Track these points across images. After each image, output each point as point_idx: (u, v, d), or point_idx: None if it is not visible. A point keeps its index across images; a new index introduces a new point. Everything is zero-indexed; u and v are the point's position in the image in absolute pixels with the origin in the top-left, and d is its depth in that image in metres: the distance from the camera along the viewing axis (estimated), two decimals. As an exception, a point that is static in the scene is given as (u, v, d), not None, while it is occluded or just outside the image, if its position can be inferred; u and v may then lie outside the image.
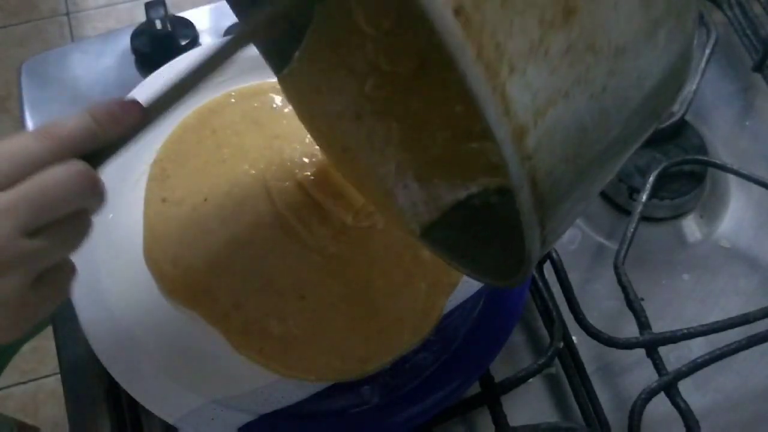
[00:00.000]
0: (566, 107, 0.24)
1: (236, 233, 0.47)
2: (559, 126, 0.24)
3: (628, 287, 0.46)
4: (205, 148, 0.50)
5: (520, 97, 0.23)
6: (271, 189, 0.48)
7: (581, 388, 0.45)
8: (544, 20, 0.23)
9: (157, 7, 0.57)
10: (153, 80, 0.52)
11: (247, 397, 0.42)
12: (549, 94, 0.23)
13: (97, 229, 0.46)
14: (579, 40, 0.23)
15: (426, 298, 0.45)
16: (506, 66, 0.22)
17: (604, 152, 0.27)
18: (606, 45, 0.24)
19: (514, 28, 0.22)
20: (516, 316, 0.45)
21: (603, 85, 0.25)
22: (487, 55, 0.22)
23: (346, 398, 0.43)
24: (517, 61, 0.22)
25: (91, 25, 1.58)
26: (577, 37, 0.23)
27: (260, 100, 0.52)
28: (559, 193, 0.26)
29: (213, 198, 0.48)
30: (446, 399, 0.42)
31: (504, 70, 0.22)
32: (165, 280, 0.45)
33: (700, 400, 0.44)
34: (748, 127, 0.57)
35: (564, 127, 0.24)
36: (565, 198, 0.26)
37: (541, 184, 0.24)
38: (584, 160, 0.26)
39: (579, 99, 0.24)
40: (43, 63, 0.58)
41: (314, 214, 0.47)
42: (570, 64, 0.23)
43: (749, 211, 0.53)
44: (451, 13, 0.21)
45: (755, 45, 0.58)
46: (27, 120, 0.56)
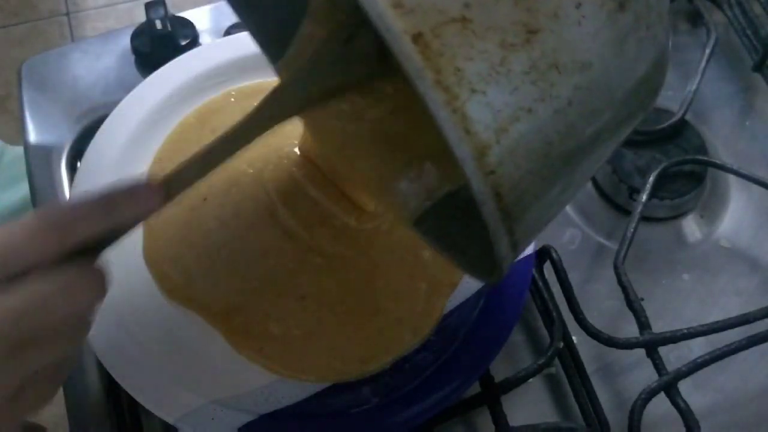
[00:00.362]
0: (530, 123, 0.24)
1: (236, 234, 0.47)
2: (523, 141, 0.24)
3: (628, 287, 0.46)
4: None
5: (480, 117, 0.23)
6: (269, 189, 0.48)
7: (581, 388, 0.45)
8: (505, 42, 0.23)
9: (157, 7, 0.57)
10: (153, 80, 0.52)
11: (247, 397, 0.42)
12: (511, 112, 0.24)
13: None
14: (542, 59, 0.24)
15: (426, 298, 0.45)
16: (466, 88, 0.23)
17: (573, 162, 0.27)
18: (570, 61, 0.25)
19: (474, 51, 0.23)
20: (516, 316, 0.45)
21: (568, 100, 0.25)
22: (446, 80, 0.22)
23: (346, 398, 0.43)
24: (477, 83, 0.23)
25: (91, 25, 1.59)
26: (540, 56, 0.24)
27: (260, 99, 0.52)
28: (526, 203, 0.26)
29: (212, 198, 0.48)
30: (446, 399, 0.42)
31: (464, 93, 0.23)
32: (164, 281, 0.45)
33: (700, 400, 0.44)
34: (748, 127, 0.57)
35: (528, 141, 0.25)
36: (533, 207, 0.27)
37: (506, 196, 0.25)
38: (551, 171, 0.26)
39: (543, 114, 0.25)
40: (43, 63, 0.58)
41: (314, 214, 0.47)
42: (533, 82, 0.24)
43: (749, 211, 0.53)
44: (409, 40, 0.22)
45: (755, 45, 0.58)
46: (27, 120, 0.56)
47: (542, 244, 0.48)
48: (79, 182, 0.48)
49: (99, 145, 0.49)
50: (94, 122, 0.54)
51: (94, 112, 0.55)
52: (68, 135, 0.54)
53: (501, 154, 0.24)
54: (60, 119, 0.55)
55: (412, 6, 0.22)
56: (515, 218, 0.26)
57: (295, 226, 0.47)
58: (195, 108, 0.51)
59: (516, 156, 0.24)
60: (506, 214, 0.25)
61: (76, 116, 0.55)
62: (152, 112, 0.51)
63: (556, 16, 0.24)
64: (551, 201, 0.28)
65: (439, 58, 0.22)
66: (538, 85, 0.24)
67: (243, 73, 0.52)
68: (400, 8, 0.22)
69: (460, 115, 0.23)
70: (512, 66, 0.23)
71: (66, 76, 0.58)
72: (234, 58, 0.53)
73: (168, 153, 0.50)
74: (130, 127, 0.50)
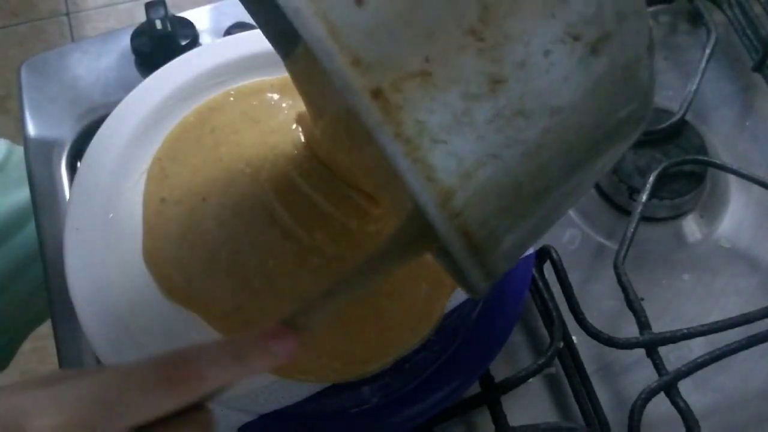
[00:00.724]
0: (496, 167, 0.24)
1: (235, 234, 0.47)
2: (491, 183, 0.24)
3: (628, 287, 0.46)
4: (204, 147, 0.50)
5: (443, 165, 0.23)
6: (267, 189, 0.48)
7: (581, 388, 0.45)
8: (468, 94, 0.23)
9: (157, 7, 0.57)
10: (153, 80, 0.52)
11: (247, 397, 0.42)
12: (476, 158, 0.24)
13: (97, 229, 0.47)
14: (507, 107, 0.24)
15: (426, 298, 0.45)
16: (427, 139, 0.23)
17: (547, 197, 0.27)
18: (539, 108, 0.24)
19: (435, 103, 0.23)
20: (516, 316, 0.45)
21: (537, 144, 0.25)
22: (406, 132, 0.23)
23: (346, 398, 0.43)
24: (439, 134, 0.23)
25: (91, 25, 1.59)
26: (505, 105, 0.24)
27: (259, 98, 0.52)
28: (496, 238, 0.26)
29: (211, 198, 0.48)
30: (446, 399, 0.42)
31: (425, 143, 0.23)
32: (164, 281, 0.45)
33: (700, 400, 0.44)
34: (748, 127, 0.57)
35: (496, 183, 0.25)
36: (504, 241, 0.27)
37: (475, 234, 0.25)
38: (524, 207, 0.26)
39: (510, 158, 0.24)
40: (43, 63, 0.58)
41: (313, 216, 0.47)
42: (497, 129, 0.24)
43: (749, 211, 0.53)
44: (368, 96, 0.22)
45: (755, 45, 0.58)
46: (27, 120, 0.56)
47: (542, 244, 0.48)
48: (79, 182, 0.48)
49: (99, 145, 0.49)
50: (94, 122, 0.54)
51: (94, 112, 0.55)
52: (68, 135, 0.55)
53: (466, 198, 0.24)
54: (60, 119, 0.55)
55: (370, 61, 0.22)
56: (486, 252, 0.26)
57: (293, 226, 0.47)
58: (194, 107, 0.51)
59: (484, 197, 0.24)
60: (476, 249, 0.25)
61: (76, 116, 0.55)
62: (152, 112, 0.51)
63: (522, 65, 0.24)
64: (527, 233, 0.28)
65: (398, 111, 0.22)
66: (504, 132, 0.24)
67: (243, 72, 0.52)
68: (358, 65, 0.22)
69: (421, 164, 0.23)
70: (475, 116, 0.23)
71: (66, 76, 0.58)
72: (234, 58, 0.53)
73: (167, 152, 0.50)
74: (131, 127, 0.50)
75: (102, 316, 0.44)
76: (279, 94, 0.52)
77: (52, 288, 0.49)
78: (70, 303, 0.44)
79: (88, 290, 0.44)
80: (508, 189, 0.25)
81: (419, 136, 0.23)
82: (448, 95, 0.23)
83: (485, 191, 0.24)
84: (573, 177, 0.27)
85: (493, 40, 0.23)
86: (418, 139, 0.23)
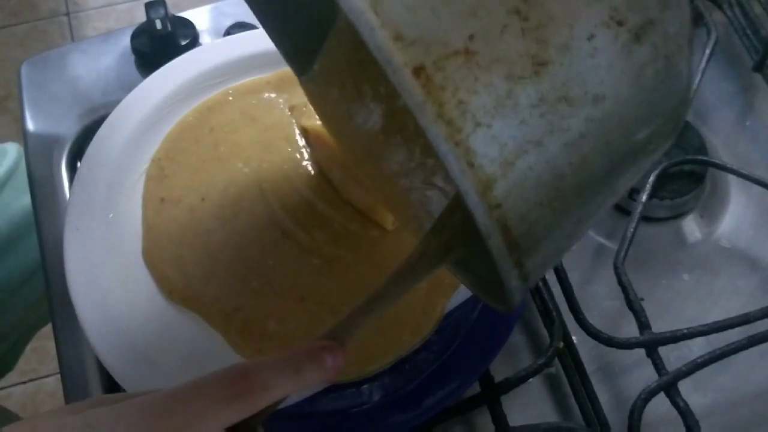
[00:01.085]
0: (538, 156, 0.23)
1: (234, 234, 0.47)
2: (532, 174, 0.24)
3: (628, 287, 0.46)
4: (202, 147, 0.50)
5: (485, 150, 0.23)
6: (265, 189, 0.48)
7: (581, 388, 0.45)
8: (511, 75, 0.23)
9: (157, 7, 0.57)
10: (153, 80, 0.52)
11: (247, 397, 0.42)
12: (518, 145, 0.23)
13: (97, 229, 0.47)
14: (551, 91, 0.23)
15: (427, 298, 0.45)
16: (470, 122, 0.22)
17: (587, 193, 0.26)
18: (582, 94, 0.24)
19: (479, 84, 0.22)
20: (516, 316, 0.45)
21: (580, 133, 0.24)
22: (449, 113, 0.22)
23: (346, 398, 0.43)
24: (482, 116, 0.22)
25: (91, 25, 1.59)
26: (549, 89, 0.23)
27: (257, 97, 0.52)
28: (536, 235, 0.25)
29: (210, 198, 0.48)
30: (446, 399, 0.42)
31: (467, 126, 0.22)
32: (164, 281, 0.45)
33: (700, 400, 0.44)
34: (748, 127, 0.57)
35: (537, 174, 0.24)
36: (544, 238, 0.26)
37: (514, 229, 0.24)
38: (564, 203, 0.25)
39: (552, 147, 0.24)
40: (43, 63, 0.58)
41: (313, 217, 0.47)
42: (541, 115, 0.23)
43: (749, 211, 0.53)
44: (410, 73, 0.21)
45: (755, 45, 0.58)
46: (27, 120, 0.56)
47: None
48: (79, 182, 0.48)
49: (99, 145, 0.49)
50: (94, 122, 0.54)
51: (94, 112, 0.55)
52: (68, 135, 0.55)
53: (508, 188, 0.23)
54: (60, 119, 0.55)
55: (413, 38, 0.21)
56: (525, 250, 0.25)
57: (292, 226, 0.47)
58: (193, 107, 0.51)
59: (524, 189, 0.24)
60: (514, 246, 0.24)
61: (76, 116, 0.55)
62: (152, 112, 0.51)
63: (566, 48, 0.23)
64: (565, 233, 0.27)
65: (441, 91, 0.22)
66: (547, 118, 0.23)
67: (243, 73, 0.53)
68: (400, 41, 0.21)
69: (464, 148, 0.22)
70: (519, 99, 0.23)
71: (66, 76, 0.58)
72: (234, 58, 0.53)
73: (167, 152, 0.50)
74: (131, 127, 0.50)
75: (102, 316, 0.44)
76: (275, 90, 0.52)
77: (52, 288, 0.49)
78: (70, 303, 0.44)
79: (88, 290, 0.44)
80: (549, 181, 0.24)
81: (461, 118, 0.22)
82: (491, 76, 0.22)
83: (526, 182, 0.23)
84: (612, 174, 0.27)
85: (537, 20, 0.23)
86: (460, 120, 0.22)
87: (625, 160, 0.27)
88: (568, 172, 0.24)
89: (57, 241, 0.46)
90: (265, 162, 0.49)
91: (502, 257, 0.24)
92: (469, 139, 0.22)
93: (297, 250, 0.46)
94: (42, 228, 0.51)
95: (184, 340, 0.44)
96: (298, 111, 0.51)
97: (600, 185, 0.26)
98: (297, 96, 0.52)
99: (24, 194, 0.61)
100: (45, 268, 0.49)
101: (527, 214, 0.24)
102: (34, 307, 0.64)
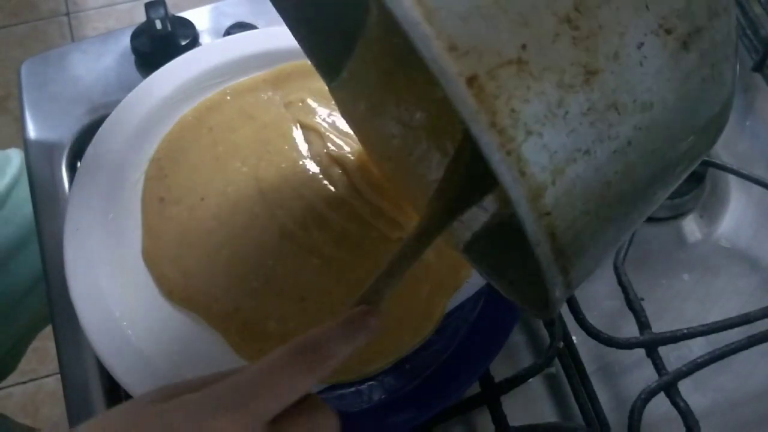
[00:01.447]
0: (587, 164, 0.24)
1: (234, 234, 0.47)
2: (580, 182, 0.24)
3: (628, 287, 0.46)
4: (202, 146, 0.50)
5: (536, 159, 0.23)
6: (263, 189, 0.48)
7: (581, 388, 0.45)
8: (562, 83, 0.23)
9: (157, 7, 0.57)
10: (153, 80, 0.52)
11: (247, 397, 0.42)
12: (568, 153, 0.23)
13: (97, 229, 0.47)
14: (601, 99, 0.23)
15: (427, 299, 0.45)
16: (522, 130, 0.22)
17: (630, 202, 0.27)
18: (631, 102, 0.24)
19: (531, 93, 0.22)
20: (516, 316, 0.45)
21: (628, 140, 0.24)
22: (501, 122, 0.22)
23: (346, 398, 0.43)
24: (533, 125, 0.22)
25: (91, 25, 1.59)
26: (599, 97, 0.23)
27: (254, 96, 0.52)
28: (581, 243, 0.25)
29: (209, 197, 0.48)
30: (446, 399, 0.42)
31: (519, 135, 0.22)
32: (164, 281, 0.45)
33: (700, 400, 0.44)
34: (748, 127, 0.57)
35: (585, 182, 0.24)
36: (588, 247, 0.26)
37: (561, 237, 0.24)
38: (609, 211, 0.26)
39: (601, 155, 0.24)
40: (43, 63, 0.58)
41: (312, 217, 0.47)
42: (591, 124, 0.23)
43: (749, 211, 0.53)
44: (464, 83, 0.21)
45: (755, 45, 0.58)
46: (27, 120, 0.56)
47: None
48: (79, 182, 0.48)
49: (99, 145, 0.49)
50: (94, 122, 0.54)
51: (94, 112, 0.55)
52: (68, 135, 0.54)
53: (557, 196, 0.23)
54: (60, 119, 0.55)
55: (467, 48, 0.22)
56: (569, 258, 0.25)
57: (292, 226, 0.47)
58: (192, 107, 0.51)
59: (572, 197, 0.24)
60: (560, 253, 0.25)
61: (76, 116, 0.55)
62: (152, 112, 0.51)
63: (616, 56, 0.23)
64: (607, 241, 0.28)
65: (494, 100, 0.22)
66: (597, 126, 0.23)
67: (243, 72, 0.53)
68: (455, 51, 0.22)
69: (515, 156, 0.22)
70: (570, 107, 0.23)
71: (66, 76, 0.58)
72: (234, 58, 0.53)
73: (166, 152, 0.50)
74: (131, 127, 0.50)
75: (102, 316, 0.44)
76: (272, 88, 0.52)
77: (52, 289, 0.49)
78: (71, 304, 0.44)
79: (88, 290, 0.44)
80: (596, 189, 0.24)
81: (513, 127, 0.22)
82: (543, 85, 0.23)
83: (574, 190, 0.24)
84: (655, 182, 0.27)
85: (587, 29, 0.23)
86: (512, 130, 0.22)
87: (668, 167, 0.27)
88: (613, 180, 0.25)
89: (57, 241, 0.46)
90: (263, 161, 0.49)
91: (549, 265, 0.25)
92: (521, 147, 0.22)
93: (297, 250, 0.46)
94: (42, 228, 0.51)
95: (184, 340, 0.44)
96: (294, 107, 0.51)
97: (642, 193, 0.27)
98: (293, 93, 0.52)
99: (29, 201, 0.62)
100: (45, 269, 0.49)
101: (574, 223, 0.24)
102: (40, 311, 0.64)
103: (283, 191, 0.48)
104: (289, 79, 0.53)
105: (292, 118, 0.51)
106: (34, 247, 0.52)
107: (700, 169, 0.52)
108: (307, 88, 0.52)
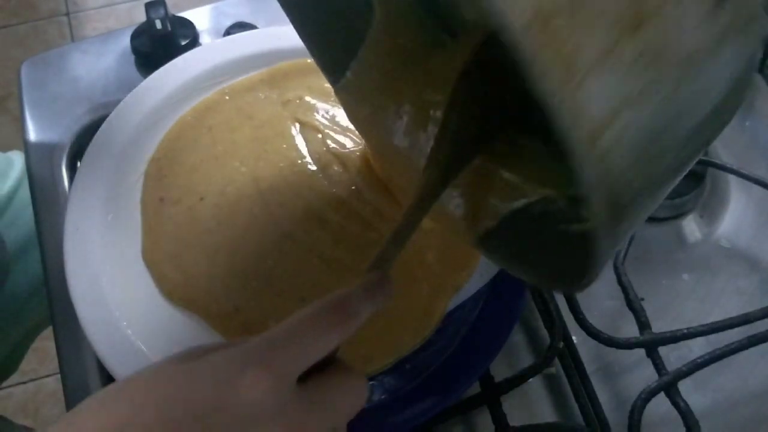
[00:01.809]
0: (640, 109, 0.24)
1: (234, 233, 0.47)
2: (632, 128, 0.24)
3: (628, 287, 0.46)
4: (201, 146, 0.50)
5: (594, 100, 0.23)
6: (262, 189, 0.48)
7: (581, 388, 0.45)
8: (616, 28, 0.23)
9: (157, 7, 0.57)
10: (153, 80, 0.52)
11: (247, 397, 0.42)
12: (624, 97, 0.24)
13: (97, 229, 0.47)
14: (650, 45, 0.24)
15: (428, 299, 0.45)
16: (579, 72, 0.23)
17: (673, 157, 0.27)
18: (675, 53, 0.25)
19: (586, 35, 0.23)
20: (516, 316, 0.45)
21: (674, 89, 0.25)
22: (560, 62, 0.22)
23: (346, 398, 0.43)
24: (590, 67, 0.23)
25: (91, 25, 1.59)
26: (649, 43, 0.24)
27: (252, 95, 0.52)
28: (630, 196, 0.26)
29: (209, 197, 0.48)
30: (446, 399, 0.42)
31: (578, 75, 0.23)
32: (164, 281, 0.45)
33: (700, 400, 0.44)
34: (748, 127, 0.57)
35: (637, 129, 0.24)
36: (636, 201, 0.26)
37: (614, 186, 0.24)
38: (654, 165, 0.26)
39: (652, 101, 0.24)
40: (43, 63, 0.58)
41: (311, 217, 0.47)
42: (645, 68, 0.24)
43: (749, 211, 0.53)
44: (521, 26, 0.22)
45: (755, 45, 0.58)
46: (27, 120, 0.56)
47: (542, 244, 0.48)
48: (79, 182, 0.48)
49: (99, 145, 0.49)
50: (94, 122, 0.54)
51: (94, 112, 0.55)
52: (68, 135, 0.54)
53: (611, 140, 0.24)
54: (60, 119, 0.55)
55: None
56: (620, 210, 0.25)
57: (291, 226, 0.47)
58: (192, 107, 0.51)
59: (625, 144, 0.24)
60: (612, 205, 0.25)
61: (76, 116, 0.55)
62: (152, 112, 0.51)
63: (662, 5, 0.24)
64: (650, 197, 0.28)
65: (552, 42, 0.22)
66: (649, 72, 0.24)
67: (243, 72, 0.53)
68: None
69: (572, 98, 0.23)
70: (624, 51, 0.23)
71: (66, 76, 0.58)
72: (234, 58, 0.53)
73: (165, 152, 0.50)
74: (130, 127, 0.50)
75: (102, 316, 0.44)
76: (269, 87, 0.52)
77: (52, 288, 0.49)
78: (70, 304, 0.44)
79: (88, 290, 0.44)
80: (645, 138, 0.25)
81: (571, 69, 0.22)
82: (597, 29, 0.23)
83: (626, 137, 0.24)
84: (695, 136, 0.27)
85: None
86: (569, 71, 0.22)
87: (707, 120, 0.27)
88: (661, 129, 0.25)
89: (57, 241, 0.46)
90: (261, 160, 0.49)
91: (600, 217, 0.25)
92: (579, 88, 0.23)
93: (296, 250, 0.46)
94: (42, 228, 0.51)
95: (184, 340, 0.44)
96: (292, 105, 0.51)
97: (683, 149, 0.27)
98: (291, 90, 0.52)
99: None
100: (45, 269, 0.49)
101: (625, 172, 0.25)
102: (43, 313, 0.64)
103: (281, 191, 0.48)
104: (287, 78, 0.53)
105: (290, 116, 0.51)
106: (37, 249, 0.52)
107: (700, 169, 0.52)
108: (304, 85, 0.52)
